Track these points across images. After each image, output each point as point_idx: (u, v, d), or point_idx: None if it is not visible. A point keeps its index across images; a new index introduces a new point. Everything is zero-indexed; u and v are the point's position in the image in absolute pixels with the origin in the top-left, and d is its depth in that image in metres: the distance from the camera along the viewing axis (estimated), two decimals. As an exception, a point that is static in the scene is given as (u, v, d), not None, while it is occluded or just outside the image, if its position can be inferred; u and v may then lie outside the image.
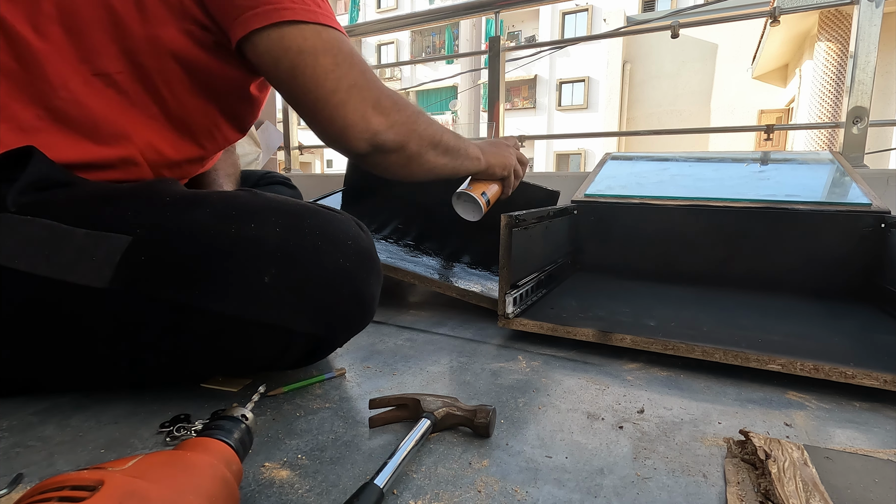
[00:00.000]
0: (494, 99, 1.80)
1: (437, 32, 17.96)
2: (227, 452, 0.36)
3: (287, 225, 0.53)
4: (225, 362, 0.57)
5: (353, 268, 0.56)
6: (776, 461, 0.43)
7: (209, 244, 0.50)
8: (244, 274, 0.50)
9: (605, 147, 12.21)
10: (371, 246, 0.60)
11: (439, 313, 0.97)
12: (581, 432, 0.51)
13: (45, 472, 0.43)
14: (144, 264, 0.50)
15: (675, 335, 0.73)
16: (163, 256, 0.50)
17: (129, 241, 0.50)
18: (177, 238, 0.51)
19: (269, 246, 0.51)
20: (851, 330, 0.79)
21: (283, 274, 0.51)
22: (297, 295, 0.52)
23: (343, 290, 0.55)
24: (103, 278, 0.49)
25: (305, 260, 0.52)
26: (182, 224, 0.51)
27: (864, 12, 1.27)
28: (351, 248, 0.56)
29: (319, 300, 0.54)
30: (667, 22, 1.54)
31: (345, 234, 0.56)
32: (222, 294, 0.50)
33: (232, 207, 0.53)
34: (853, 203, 1.02)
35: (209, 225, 0.51)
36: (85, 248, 0.50)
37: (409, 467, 0.44)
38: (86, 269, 0.49)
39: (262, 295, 0.51)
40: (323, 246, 0.54)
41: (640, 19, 12.79)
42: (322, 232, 0.54)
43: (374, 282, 0.59)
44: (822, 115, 5.10)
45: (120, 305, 0.50)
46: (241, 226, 0.51)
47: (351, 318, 0.58)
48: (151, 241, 0.50)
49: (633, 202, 1.17)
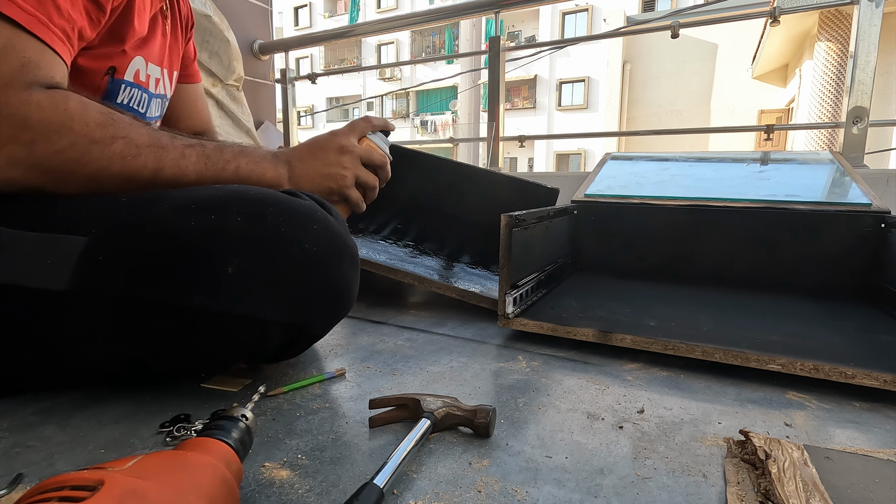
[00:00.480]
0: (494, 99, 1.80)
1: (437, 32, 17.97)
2: (227, 452, 0.36)
3: (248, 213, 0.51)
4: (202, 356, 0.56)
5: (322, 252, 0.54)
6: (776, 461, 0.43)
7: (169, 239, 0.49)
8: (207, 266, 0.50)
9: (605, 147, 12.21)
10: (342, 230, 0.58)
11: (439, 313, 0.97)
12: (581, 432, 0.51)
13: (45, 472, 0.43)
14: (104, 264, 0.49)
15: (675, 335, 0.73)
16: (122, 255, 0.50)
17: (84, 241, 0.49)
18: (135, 236, 0.50)
19: (231, 236, 0.50)
20: (851, 330, 0.79)
21: (247, 263, 0.50)
22: (264, 283, 0.51)
23: (312, 275, 0.54)
24: (61, 280, 0.48)
25: (269, 247, 0.51)
26: (140, 221, 0.50)
27: (864, 12, 1.27)
28: (318, 232, 0.54)
29: (288, 287, 0.53)
30: (667, 22, 1.54)
31: (310, 218, 0.54)
32: (187, 288, 0.49)
33: (192, 201, 0.52)
34: (853, 203, 1.02)
35: (168, 220, 0.50)
36: (38, 251, 0.49)
37: (409, 467, 0.44)
38: (42, 272, 0.48)
39: (228, 286, 0.50)
40: (287, 231, 0.52)
41: (640, 19, 12.79)
42: (285, 218, 0.53)
43: (348, 266, 0.58)
44: (822, 115, 5.10)
45: (84, 306, 0.49)
46: (201, 218, 0.50)
47: (325, 305, 0.57)
48: (109, 240, 0.50)
49: (633, 202, 1.17)
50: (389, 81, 18.68)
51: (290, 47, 2.19)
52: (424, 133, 17.11)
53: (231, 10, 1.87)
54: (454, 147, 7.03)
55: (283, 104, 2.30)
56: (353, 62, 19.32)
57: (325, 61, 19.78)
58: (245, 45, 2.00)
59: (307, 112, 14.50)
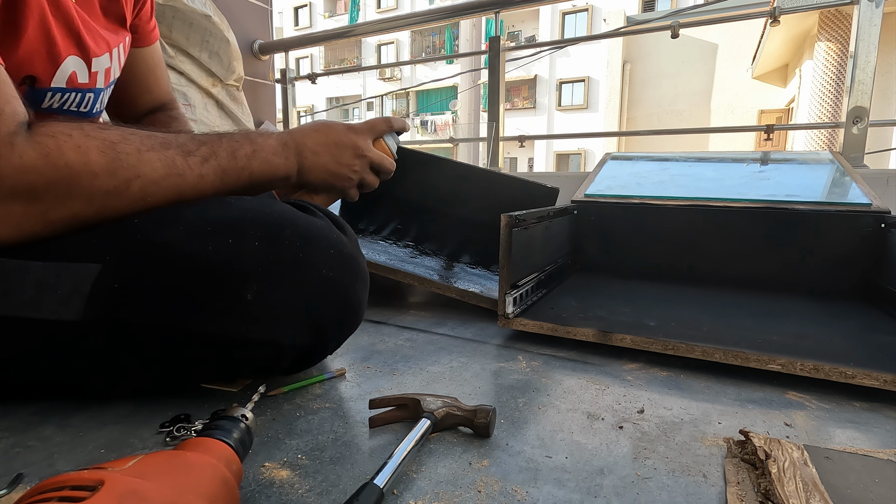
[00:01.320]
0: (494, 99, 1.80)
1: (437, 32, 17.96)
2: (227, 452, 0.36)
3: (265, 237, 0.50)
4: (212, 376, 0.57)
5: (338, 276, 0.54)
6: (776, 461, 0.43)
7: (186, 265, 0.48)
8: (226, 293, 0.48)
9: (605, 147, 12.21)
10: (355, 250, 0.57)
11: (439, 313, 0.97)
12: (581, 432, 0.51)
13: (45, 472, 0.43)
14: (120, 291, 0.47)
15: (675, 335, 0.73)
16: (138, 281, 0.48)
17: (98, 269, 0.47)
18: (151, 261, 0.48)
19: (249, 262, 0.49)
20: (851, 330, 0.79)
21: (265, 290, 0.49)
22: (281, 309, 0.51)
23: (328, 299, 0.54)
24: (74, 311, 0.46)
25: (287, 273, 0.50)
26: (155, 245, 0.48)
27: (864, 12, 1.27)
28: (333, 257, 0.54)
29: (304, 312, 0.52)
30: (667, 22, 1.54)
31: (327, 241, 0.54)
32: (204, 314, 0.48)
33: (207, 223, 0.50)
34: (853, 203, 1.02)
35: (184, 244, 0.48)
36: (45, 281, 0.47)
37: (409, 467, 0.44)
38: (52, 302, 0.46)
39: (246, 313, 0.49)
40: (304, 258, 0.51)
41: (640, 19, 12.79)
42: (303, 242, 0.52)
43: (361, 287, 0.58)
44: (822, 115, 5.09)
45: (100, 335, 0.48)
46: (217, 242, 0.48)
47: (339, 325, 0.57)
48: (124, 266, 0.47)
49: (633, 202, 1.17)
50: (389, 81, 18.68)
51: (290, 47, 2.19)
52: (424, 133, 17.12)
53: (231, 10, 1.87)
54: (454, 147, 7.04)
55: (283, 104, 2.30)
56: (353, 62, 19.32)
57: (325, 61, 19.78)
58: (245, 45, 2.00)
59: (307, 112, 14.48)
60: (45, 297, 0.46)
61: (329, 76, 16.05)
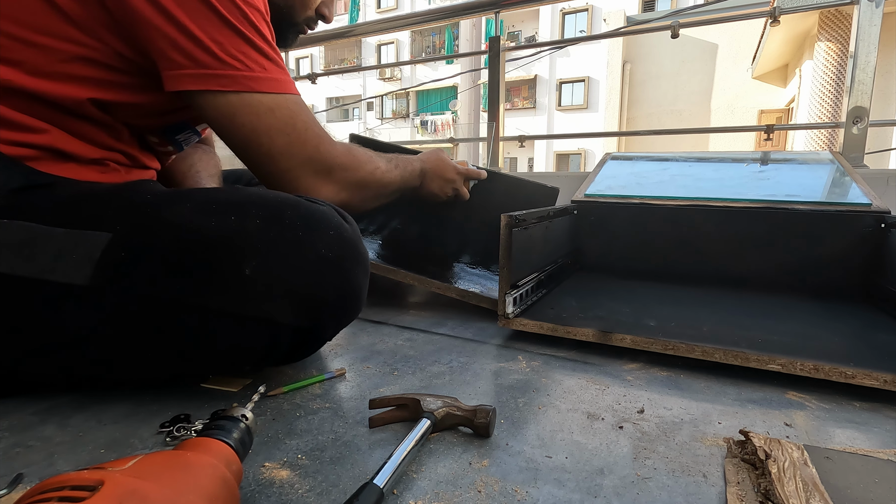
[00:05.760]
0: (494, 99, 1.80)
1: (437, 32, 17.96)
2: (227, 452, 0.36)
3: (267, 216, 0.53)
4: (212, 357, 0.56)
5: (337, 258, 0.55)
6: (776, 461, 0.43)
7: (189, 238, 0.51)
8: (225, 267, 0.50)
9: (605, 147, 12.21)
10: (356, 236, 0.59)
11: (439, 313, 0.97)
12: (581, 432, 0.51)
13: (45, 472, 0.43)
14: (126, 261, 0.50)
15: (675, 335, 0.73)
16: (144, 252, 0.50)
17: (108, 237, 0.50)
18: (157, 234, 0.51)
19: (250, 238, 0.51)
20: (851, 330, 0.79)
21: (264, 266, 0.51)
22: (279, 286, 0.52)
23: (327, 280, 0.55)
24: (83, 276, 0.49)
25: (287, 251, 0.52)
26: (162, 220, 0.52)
27: (864, 12, 1.27)
28: (333, 238, 0.56)
29: (303, 291, 0.53)
30: (667, 22, 1.54)
31: (327, 223, 0.56)
32: (204, 288, 0.50)
33: (212, 202, 0.53)
34: (853, 203, 1.02)
35: (190, 219, 0.51)
36: (64, 246, 0.50)
37: (409, 467, 0.44)
38: (66, 267, 0.49)
39: (245, 287, 0.51)
40: (304, 237, 0.53)
41: (640, 19, 12.79)
42: (304, 223, 0.54)
43: (361, 272, 0.59)
44: (822, 115, 5.09)
45: (103, 302, 0.50)
46: (221, 219, 0.51)
47: (337, 309, 0.58)
48: (132, 237, 0.51)
49: (633, 202, 1.17)
50: (389, 81, 18.68)
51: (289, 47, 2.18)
52: (424, 133, 17.11)
53: (231, 10, 1.86)
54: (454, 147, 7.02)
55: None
56: (353, 62, 19.31)
57: (325, 61, 19.77)
58: (245, 45, 2.00)
59: (307, 112, 14.43)
60: (61, 262, 0.50)
61: (329, 76, 16.05)
